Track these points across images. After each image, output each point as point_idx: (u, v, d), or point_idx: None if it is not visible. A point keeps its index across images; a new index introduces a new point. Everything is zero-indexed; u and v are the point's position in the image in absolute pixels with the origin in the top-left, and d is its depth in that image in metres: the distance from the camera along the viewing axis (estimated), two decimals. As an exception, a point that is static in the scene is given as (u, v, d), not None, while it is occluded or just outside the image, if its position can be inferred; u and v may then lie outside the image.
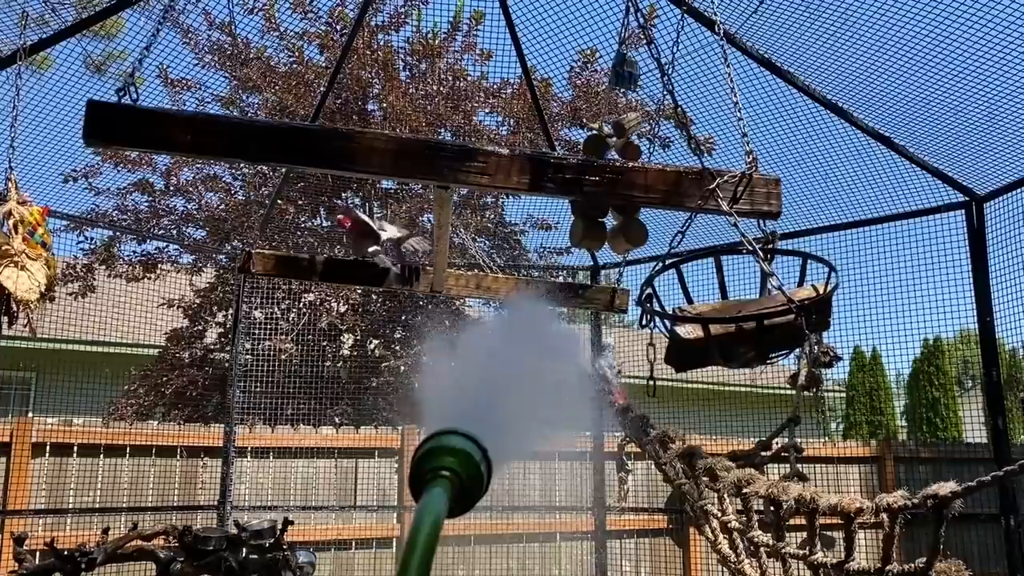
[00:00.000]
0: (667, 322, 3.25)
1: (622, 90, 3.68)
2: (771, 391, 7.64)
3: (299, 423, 7.73)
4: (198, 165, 9.84)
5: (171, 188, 9.83)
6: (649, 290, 3.22)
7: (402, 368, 9.20)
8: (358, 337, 9.68)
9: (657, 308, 3.27)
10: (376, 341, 9.73)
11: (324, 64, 9.51)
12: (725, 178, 2.89)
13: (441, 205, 3.14)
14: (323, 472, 7.47)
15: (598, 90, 9.01)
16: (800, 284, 3.37)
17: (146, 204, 9.74)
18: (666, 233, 3.45)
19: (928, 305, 5.74)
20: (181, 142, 2.79)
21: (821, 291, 3.25)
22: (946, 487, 2.52)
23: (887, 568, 2.75)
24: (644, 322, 3.23)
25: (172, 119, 2.89)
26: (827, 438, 11.22)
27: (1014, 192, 4.96)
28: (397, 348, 9.67)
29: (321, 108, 5.35)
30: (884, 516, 2.72)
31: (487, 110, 9.86)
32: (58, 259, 4.85)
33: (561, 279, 7.34)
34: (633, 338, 6.61)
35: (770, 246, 3.33)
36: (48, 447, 6.59)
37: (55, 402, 7.66)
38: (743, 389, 7.78)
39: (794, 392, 4.18)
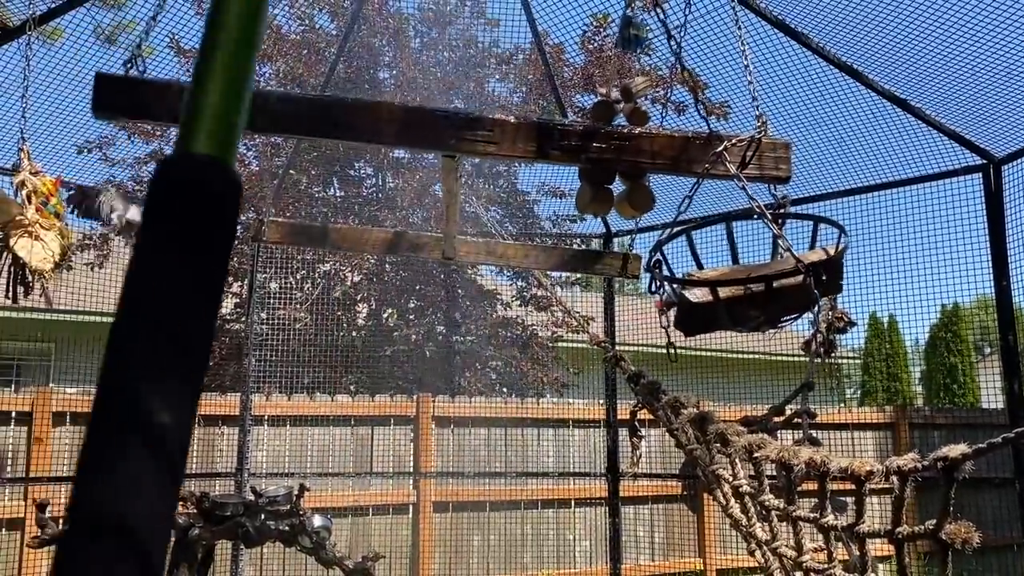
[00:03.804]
0: (676, 287, 3.24)
1: (632, 54, 3.64)
2: (785, 358, 7.62)
3: (315, 391, 7.79)
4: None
5: (185, 159, 9.85)
6: (657, 256, 3.20)
7: (414, 337, 9.25)
8: (372, 306, 9.73)
9: (666, 273, 3.26)
10: (390, 310, 9.77)
11: (335, 32, 9.46)
12: (733, 142, 2.86)
13: (448, 173, 3.14)
14: (339, 439, 7.55)
15: (611, 55, 8.93)
16: (811, 247, 3.35)
17: (161, 175, 9.76)
18: (678, 199, 3.42)
19: (946, 271, 5.68)
20: (189, 114, 2.78)
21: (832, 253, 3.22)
22: (956, 449, 2.51)
23: (898, 530, 2.76)
24: (653, 288, 3.22)
25: (180, 91, 2.89)
26: (842, 404, 11.21)
27: (1033, 154, 4.89)
28: (411, 317, 9.71)
29: (331, 76, 5.33)
30: (894, 479, 2.73)
31: (498, 77, 9.79)
32: (74, 230, 4.88)
33: (575, 246, 7.33)
34: (643, 306, 6.60)
35: (781, 210, 3.30)
36: (68, 416, 6.69)
37: (74, 373, 7.76)
38: (757, 356, 7.77)
39: (808, 358, 4.17)
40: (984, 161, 5.14)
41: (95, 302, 6.80)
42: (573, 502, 7.99)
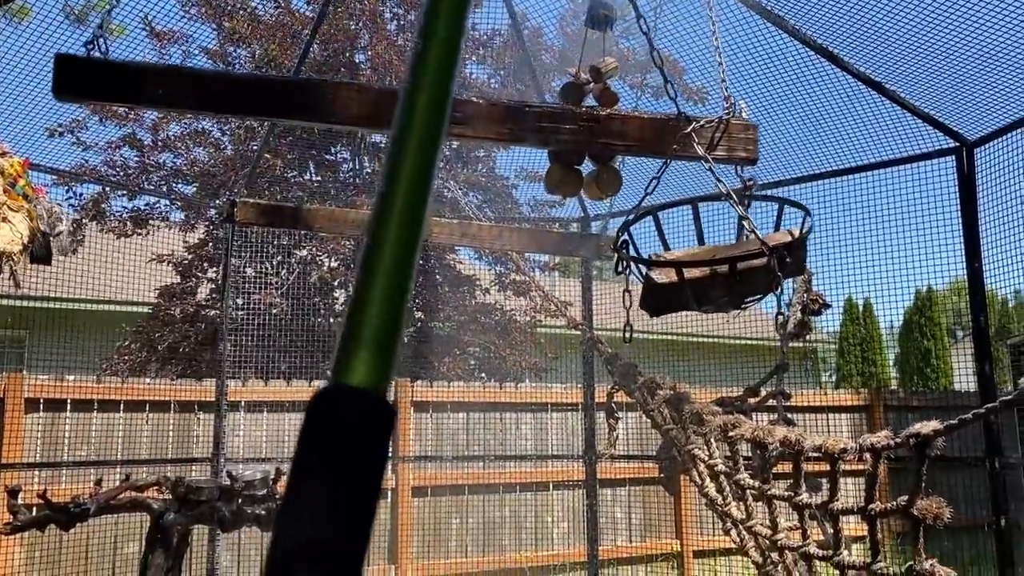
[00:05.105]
0: (642, 267, 3.25)
1: (601, 33, 3.61)
2: (760, 342, 7.68)
3: (293, 377, 7.75)
4: (185, 120, 9.74)
5: (159, 143, 9.74)
6: (624, 236, 3.20)
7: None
8: (350, 292, 9.68)
9: (632, 254, 3.26)
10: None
11: (310, 14, 9.36)
12: (701, 123, 2.86)
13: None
14: (317, 425, 7.51)
15: (590, 38, 8.89)
16: (776, 229, 3.36)
17: (135, 160, 9.65)
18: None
19: (920, 255, 5.73)
20: (153, 96, 2.74)
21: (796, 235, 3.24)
22: (928, 425, 2.54)
23: (870, 506, 2.79)
24: (619, 268, 3.23)
25: (143, 72, 2.84)
26: (818, 387, 11.31)
27: (1004, 137, 4.93)
28: (389, 303, 9.66)
29: (304, 58, 5.27)
30: (868, 456, 2.75)
31: (476, 60, 9.74)
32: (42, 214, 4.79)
33: (553, 229, 7.32)
34: (618, 292, 6.62)
35: (747, 192, 3.31)
36: (41, 403, 6.61)
37: (49, 360, 7.66)
38: (732, 341, 7.83)
39: (781, 341, 4.19)
40: (957, 144, 5.18)
41: (68, 288, 6.72)
42: (551, 485, 8.02)
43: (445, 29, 0.56)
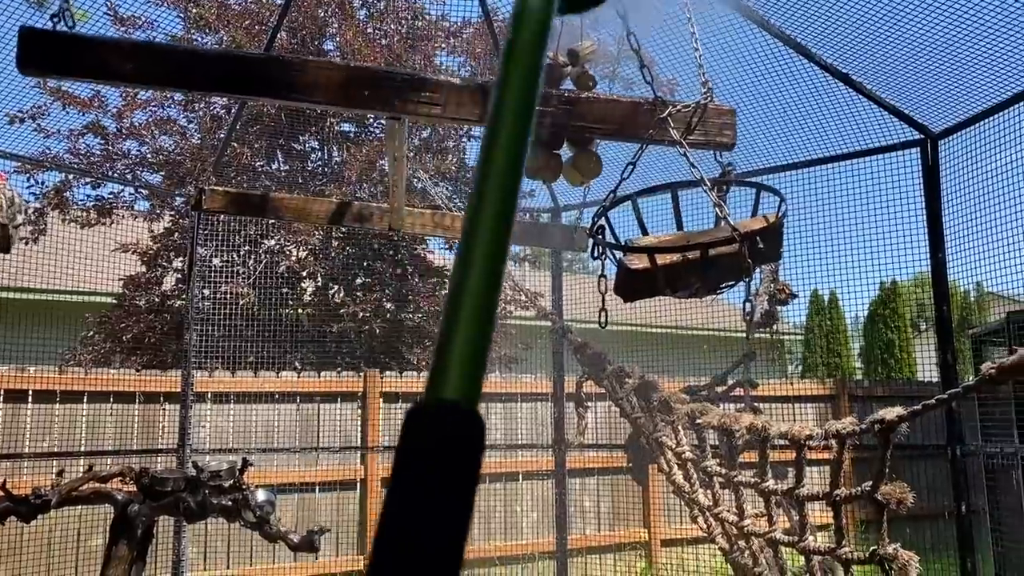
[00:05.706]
0: (617, 253, 3.25)
1: (577, 15, 3.60)
2: (727, 333, 7.73)
3: (260, 368, 7.68)
4: (151, 107, 9.59)
5: (123, 131, 9.58)
6: (600, 222, 3.20)
7: (361, 314, 9.16)
8: (319, 283, 9.61)
9: (608, 240, 3.26)
10: (336, 286, 9.67)
11: (280, 2, 9.25)
12: (678, 108, 2.86)
13: (393, 137, 3.08)
14: (285, 416, 7.46)
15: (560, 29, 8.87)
16: (754, 214, 3.38)
17: (99, 148, 9.49)
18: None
19: (885, 247, 5.79)
20: (122, 71, 2.68)
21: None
22: (892, 411, 2.58)
23: (835, 492, 2.82)
24: (595, 254, 3.23)
25: (112, 46, 2.78)
26: (785, 377, 11.44)
27: (968, 129, 4.99)
28: (359, 294, 9.62)
29: (272, 42, 5.20)
30: (833, 442, 2.79)
31: (447, 51, 9.69)
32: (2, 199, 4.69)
33: (523, 220, 7.31)
34: (591, 285, 6.63)
35: (725, 178, 3.32)
36: (1, 393, 6.49)
37: (9, 350, 7.52)
38: (701, 332, 7.88)
39: (747, 332, 4.23)
40: (922, 136, 5.24)
41: (29, 278, 6.60)
42: (520, 475, 8.03)
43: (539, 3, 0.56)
